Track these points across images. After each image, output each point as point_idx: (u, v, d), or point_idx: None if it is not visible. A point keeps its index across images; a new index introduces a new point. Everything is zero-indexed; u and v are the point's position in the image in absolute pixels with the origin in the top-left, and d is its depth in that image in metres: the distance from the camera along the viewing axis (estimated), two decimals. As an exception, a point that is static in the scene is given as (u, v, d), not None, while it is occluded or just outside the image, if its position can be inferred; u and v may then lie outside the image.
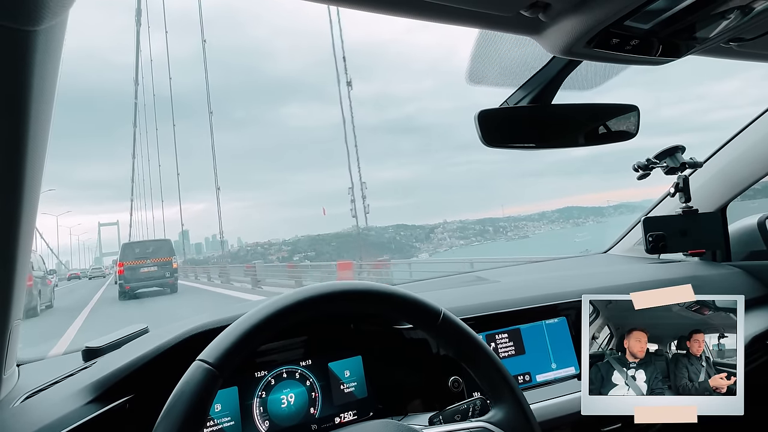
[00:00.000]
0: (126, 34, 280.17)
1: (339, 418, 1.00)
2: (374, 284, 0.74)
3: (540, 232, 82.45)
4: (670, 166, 1.47)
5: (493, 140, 0.98)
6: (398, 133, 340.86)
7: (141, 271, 16.39)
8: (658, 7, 0.61)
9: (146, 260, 16.57)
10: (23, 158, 0.59)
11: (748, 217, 1.59)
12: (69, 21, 0.53)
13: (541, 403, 1.01)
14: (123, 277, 16.22)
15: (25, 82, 0.51)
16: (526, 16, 0.62)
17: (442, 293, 1.25)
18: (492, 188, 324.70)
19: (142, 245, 18.41)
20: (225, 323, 0.73)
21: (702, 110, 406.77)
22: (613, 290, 1.11)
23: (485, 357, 0.75)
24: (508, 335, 1.11)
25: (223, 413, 0.90)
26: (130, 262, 16.48)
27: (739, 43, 0.77)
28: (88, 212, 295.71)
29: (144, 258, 16.63)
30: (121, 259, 16.79)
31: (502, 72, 0.97)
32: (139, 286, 16.31)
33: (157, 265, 16.58)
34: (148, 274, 16.43)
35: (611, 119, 1.07)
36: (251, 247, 62.62)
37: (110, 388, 0.82)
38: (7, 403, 0.86)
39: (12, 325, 0.82)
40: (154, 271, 16.53)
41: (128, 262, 16.47)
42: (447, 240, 74.67)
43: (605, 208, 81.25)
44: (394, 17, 0.63)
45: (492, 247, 73.96)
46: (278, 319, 0.66)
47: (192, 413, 0.59)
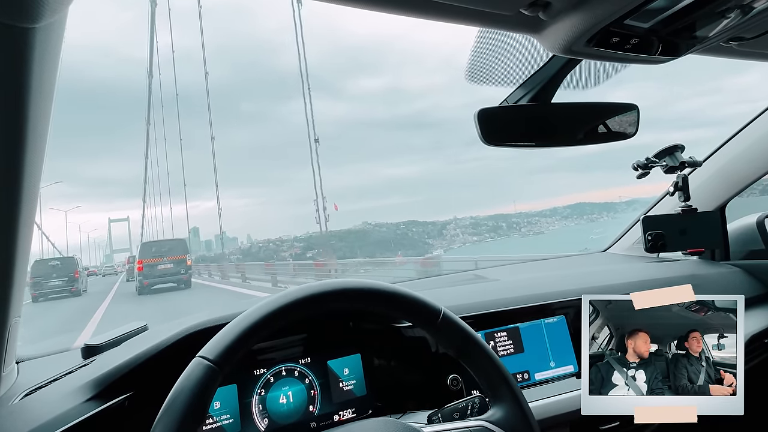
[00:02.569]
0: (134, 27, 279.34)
1: (338, 415, 1.00)
2: (374, 282, 0.74)
3: (554, 228, 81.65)
4: (669, 165, 1.47)
5: (493, 139, 0.98)
6: (409, 129, 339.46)
7: (158, 268, 17.52)
8: (658, 5, 0.61)
9: (163, 258, 17.63)
10: (22, 157, 0.59)
11: (746, 216, 1.60)
12: (73, 15, 0.53)
13: (539, 402, 1.01)
14: (142, 274, 17.34)
15: (24, 79, 0.51)
16: (526, 14, 0.62)
17: (442, 291, 1.25)
18: (502, 184, 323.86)
19: (159, 244, 19.52)
20: (224, 321, 0.73)
21: (718, 104, 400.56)
22: (613, 289, 1.11)
23: (484, 355, 0.75)
24: (507, 333, 1.11)
25: (222, 411, 0.90)
26: (148, 260, 17.59)
27: (739, 42, 0.77)
28: (99, 210, 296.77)
29: (160, 256, 17.68)
30: (140, 257, 17.88)
31: (502, 70, 0.97)
32: (157, 281, 17.41)
33: (173, 263, 17.67)
34: (164, 270, 17.58)
35: (611, 118, 1.07)
36: (263, 244, 62.08)
37: (109, 385, 0.82)
38: (6, 400, 0.86)
39: (11, 323, 0.82)
40: (170, 268, 17.65)
41: (146, 260, 17.58)
42: (460, 236, 74.16)
43: (618, 203, 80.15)
44: (395, 16, 0.63)
45: (506, 244, 73.21)
46: (278, 316, 0.66)
47: (192, 409, 0.59)
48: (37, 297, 17.30)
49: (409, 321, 0.78)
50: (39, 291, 17.36)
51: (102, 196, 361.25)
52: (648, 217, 1.48)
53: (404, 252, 51.57)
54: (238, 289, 15.88)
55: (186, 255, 18.16)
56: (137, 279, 17.83)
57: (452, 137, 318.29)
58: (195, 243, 70.72)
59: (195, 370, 0.61)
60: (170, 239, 23.55)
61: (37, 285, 17.20)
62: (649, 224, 1.47)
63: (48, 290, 17.53)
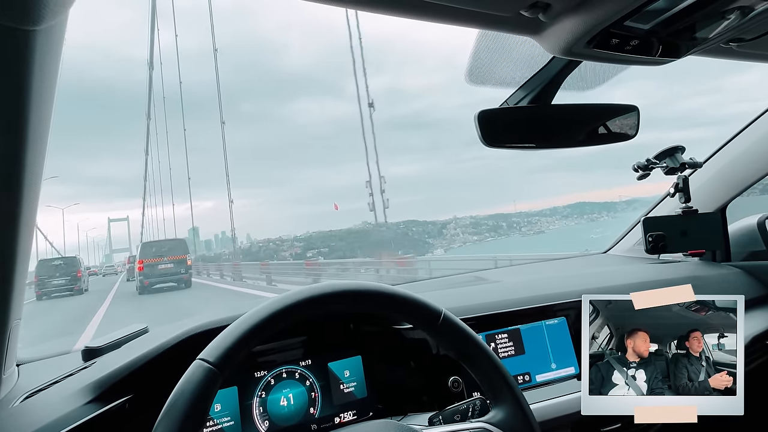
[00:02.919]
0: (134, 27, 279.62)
1: (339, 418, 1.00)
2: (375, 284, 0.74)
3: (555, 228, 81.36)
4: (669, 167, 1.47)
5: (493, 140, 0.98)
6: (408, 129, 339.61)
7: (159, 267, 17.62)
8: (658, 7, 0.61)
9: (163, 258, 17.73)
10: (23, 158, 0.59)
11: (747, 218, 1.59)
12: (73, 15, 0.53)
13: (540, 404, 1.01)
14: (143, 273, 17.42)
15: (25, 81, 0.51)
16: (526, 16, 0.62)
17: (442, 293, 1.25)
18: (501, 184, 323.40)
19: (159, 244, 19.62)
20: (225, 323, 0.73)
21: (718, 103, 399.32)
22: (613, 290, 1.11)
23: (485, 357, 0.75)
24: (508, 335, 1.11)
25: (223, 413, 0.90)
26: (148, 259, 17.69)
27: (739, 43, 0.77)
28: (99, 210, 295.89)
29: (161, 256, 17.78)
30: (140, 257, 17.94)
31: (502, 72, 0.97)
32: (157, 281, 17.48)
33: (173, 263, 17.78)
34: (164, 270, 17.68)
35: (611, 119, 1.07)
36: (263, 244, 61.93)
37: (110, 387, 0.82)
38: (6, 402, 0.86)
39: (12, 325, 0.82)
40: (171, 267, 17.76)
41: (147, 259, 17.69)
42: (460, 236, 73.87)
43: (617, 203, 79.60)
44: (394, 17, 0.63)
45: (507, 243, 72.96)
46: (278, 318, 0.66)
47: (192, 412, 0.59)
48: (41, 295, 17.79)
49: (410, 323, 0.78)
50: (43, 289, 17.87)
51: (102, 195, 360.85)
52: (649, 218, 1.48)
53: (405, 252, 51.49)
54: (239, 289, 16.01)
55: (186, 255, 18.25)
56: (138, 279, 17.93)
57: (451, 137, 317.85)
58: (195, 243, 70.79)
59: (195, 373, 0.61)
60: (170, 239, 23.70)
61: (41, 284, 17.81)
62: (649, 225, 1.46)
63: (51, 289, 18.04)
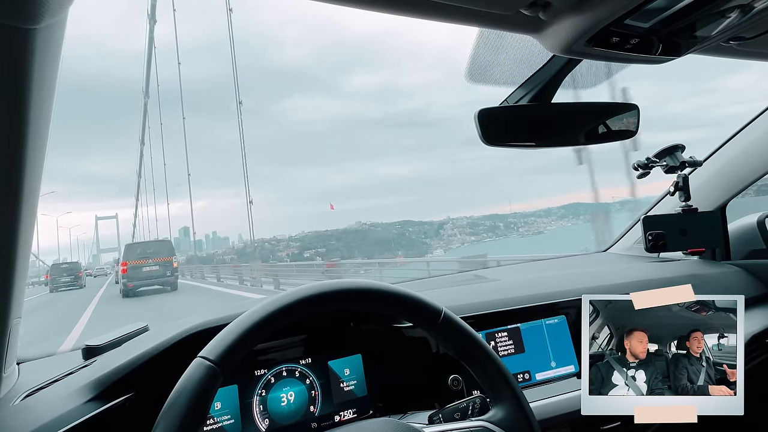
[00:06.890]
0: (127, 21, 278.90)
1: (339, 416, 1.00)
2: (375, 283, 0.74)
3: (552, 228, 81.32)
4: (669, 165, 1.47)
5: (493, 139, 0.98)
6: (403, 128, 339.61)
7: (143, 270, 17.11)
8: (659, 5, 0.61)
9: (148, 260, 17.29)
10: (23, 158, 0.59)
11: (747, 216, 1.59)
12: (72, 14, 0.53)
13: (540, 402, 1.01)
14: (126, 276, 16.87)
15: (25, 80, 0.51)
16: (526, 14, 0.62)
17: (442, 292, 1.25)
18: (496, 185, 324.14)
19: (144, 246, 19.18)
20: (225, 321, 0.73)
21: (714, 104, 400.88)
22: (613, 289, 1.11)
23: (485, 356, 0.75)
24: (508, 334, 1.11)
25: (223, 411, 0.90)
26: (132, 261, 17.20)
27: (739, 41, 0.77)
28: (89, 209, 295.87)
29: (146, 258, 17.33)
30: (124, 259, 17.51)
31: (502, 70, 0.97)
32: (142, 284, 16.97)
33: (158, 265, 17.32)
34: (149, 273, 17.16)
35: (611, 118, 1.07)
36: (258, 244, 61.88)
37: (110, 386, 0.82)
38: (7, 401, 0.86)
39: (12, 324, 0.82)
40: (156, 270, 17.27)
41: (131, 261, 17.20)
42: (457, 236, 73.87)
43: (611, 204, 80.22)
44: (393, 15, 0.63)
45: (505, 244, 72.91)
46: (279, 316, 0.66)
47: (193, 410, 0.59)
48: (53, 289, 25.95)
49: (410, 321, 0.78)
50: (54, 285, 26.20)
51: (93, 194, 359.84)
52: (648, 217, 1.48)
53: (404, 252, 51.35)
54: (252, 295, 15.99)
55: (172, 257, 17.84)
56: (121, 281, 17.43)
57: (447, 137, 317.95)
58: (185, 243, 70.42)
59: (196, 371, 0.61)
60: (156, 240, 23.61)
61: (53, 281, 26.44)
62: (649, 224, 1.46)
63: (60, 285, 26.45)
